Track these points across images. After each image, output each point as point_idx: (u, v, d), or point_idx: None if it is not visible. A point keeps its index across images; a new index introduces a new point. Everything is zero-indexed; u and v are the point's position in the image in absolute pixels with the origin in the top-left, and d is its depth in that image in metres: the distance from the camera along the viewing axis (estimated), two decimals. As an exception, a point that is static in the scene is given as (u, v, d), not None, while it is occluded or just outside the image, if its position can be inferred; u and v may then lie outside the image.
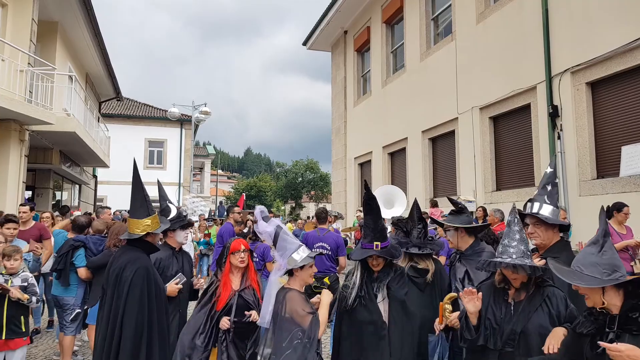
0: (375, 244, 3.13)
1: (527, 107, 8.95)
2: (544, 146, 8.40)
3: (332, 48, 19.11)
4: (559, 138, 8.06)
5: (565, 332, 2.24)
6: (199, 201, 16.56)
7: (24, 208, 6.63)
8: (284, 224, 3.21)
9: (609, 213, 5.64)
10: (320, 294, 3.10)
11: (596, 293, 2.07)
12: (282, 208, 52.11)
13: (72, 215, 9.78)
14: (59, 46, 12.42)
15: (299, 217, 30.74)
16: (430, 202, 10.55)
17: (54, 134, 10.97)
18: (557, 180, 2.88)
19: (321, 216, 6.22)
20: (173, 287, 3.79)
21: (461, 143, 10.80)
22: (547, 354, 2.24)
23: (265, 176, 60.54)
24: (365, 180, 4.02)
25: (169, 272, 3.93)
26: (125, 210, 15.92)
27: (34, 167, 12.40)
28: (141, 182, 3.41)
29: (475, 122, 10.27)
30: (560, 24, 8.13)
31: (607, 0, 7.31)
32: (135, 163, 3.53)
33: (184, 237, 4.12)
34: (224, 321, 3.29)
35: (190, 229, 4.29)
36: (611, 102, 7.46)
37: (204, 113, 20.77)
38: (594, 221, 6.52)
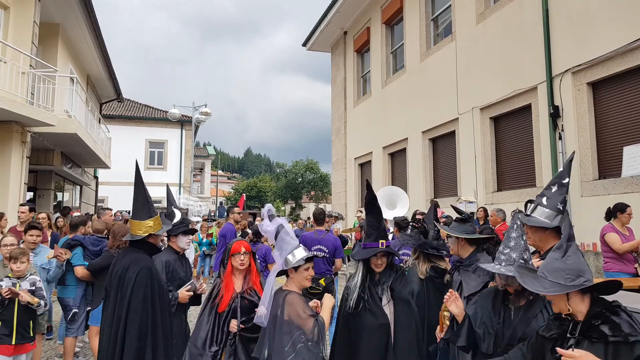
0: (381, 242, 3.13)
1: (528, 108, 8.95)
2: (545, 147, 8.41)
3: (332, 49, 19.12)
4: (560, 138, 8.07)
5: None
6: (194, 201, 16.59)
7: (23, 208, 6.55)
8: (286, 222, 3.20)
9: (612, 214, 5.64)
10: (316, 295, 3.11)
11: (561, 299, 2.05)
12: (282, 208, 52.08)
13: (72, 216, 9.82)
14: (60, 48, 12.44)
15: (299, 218, 30.75)
16: (431, 203, 10.55)
17: (56, 135, 10.98)
18: (566, 180, 2.74)
19: (319, 217, 6.11)
20: (184, 294, 3.83)
21: (462, 143, 10.81)
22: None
23: (265, 177, 60.50)
24: (368, 180, 4.02)
25: (178, 275, 3.95)
26: (126, 211, 15.94)
27: (35, 168, 12.41)
28: (143, 184, 3.42)
29: (475, 122, 10.28)
30: (560, 24, 8.14)
31: (607, 0, 7.32)
32: (137, 165, 3.54)
33: (187, 242, 4.14)
34: (233, 324, 3.26)
35: (191, 235, 4.29)
36: (612, 103, 7.47)
37: (204, 114, 20.80)
38: (596, 222, 6.55)
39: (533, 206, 2.86)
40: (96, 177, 20.84)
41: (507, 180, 9.70)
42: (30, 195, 12.79)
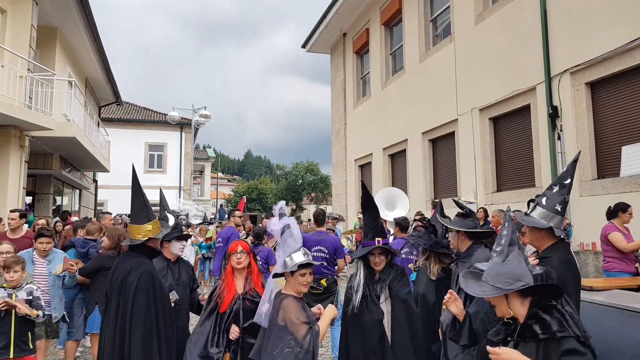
0: (377, 239, 3.17)
1: (527, 108, 8.94)
2: (544, 147, 8.40)
3: (331, 50, 19.13)
4: (559, 139, 8.06)
5: None
6: (191, 204, 16.49)
7: (13, 214, 6.13)
8: (294, 223, 3.14)
9: (613, 213, 5.62)
10: (317, 296, 3.09)
11: (501, 303, 2.09)
12: (283, 210, 52.03)
13: (70, 220, 9.80)
14: (58, 51, 12.43)
15: (300, 220, 30.76)
16: (432, 203, 10.55)
17: (54, 139, 10.97)
18: (568, 181, 2.74)
19: (319, 218, 6.10)
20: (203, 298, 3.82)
21: (461, 144, 10.80)
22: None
23: (266, 179, 60.49)
24: (363, 180, 4.04)
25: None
26: (126, 214, 15.92)
27: (34, 172, 12.40)
28: (141, 188, 3.41)
29: (475, 123, 10.27)
30: (558, 24, 8.13)
31: (605, 1, 7.31)
32: (134, 169, 3.51)
33: (180, 248, 4.05)
34: (234, 330, 3.23)
35: (185, 241, 4.22)
36: (611, 102, 7.46)
37: (203, 116, 20.79)
38: (595, 221, 6.53)
39: (533, 206, 2.88)
40: (95, 181, 20.83)
41: (506, 181, 9.69)
42: (29, 199, 12.78)
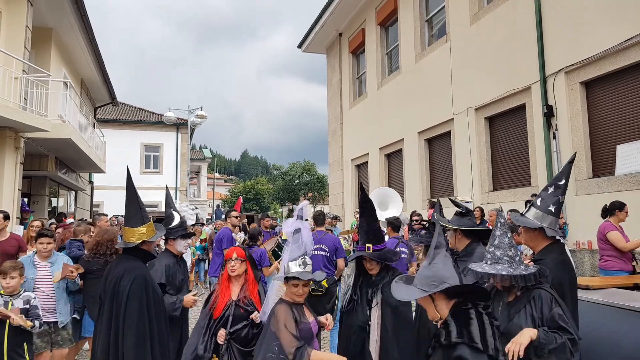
0: (367, 246, 3.12)
1: (522, 107, 8.98)
2: (539, 146, 8.44)
3: (327, 50, 19.13)
4: (554, 138, 8.09)
5: (534, 335, 2.21)
6: (186, 205, 16.48)
7: None
8: (307, 228, 3.11)
9: (609, 212, 5.65)
10: (318, 297, 3.09)
11: (429, 305, 2.10)
12: (280, 210, 52.06)
13: (66, 222, 9.76)
14: (53, 52, 12.37)
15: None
16: (429, 203, 10.57)
17: (50, 140, 10.91)
18: (562, 182, 2.78)
19: (319, 219, 6.22)
20: (190, 298, 3.80)
21: (457, 144, 10.83)
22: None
23: (262, 179, 60.44)
24: (361, 182, 4.02)
25: (177, 279, 3.92)
26: (122, 215, 15.83)
27: (29, 174, 12.33)
28: (135, 190, 3.38)
29: (470, 122, 10.30)
30: (553, 24, 8.17)
31: (599, 0, 7.35)
32: (128, 171, 3.49)
33: (184, 246, 4.10)
34: (221, 334, 3.23)
35: (189, 239, 4.27)
36: (605, 101, 7.50)
37: (199, 117, 20.74)
38: (590, 220, 6.55)
39: (528, 206, 2.91)
40: (91, 182, 20.74)
41: (502, 180, 9.72)
42: (24, 201, 12.71)
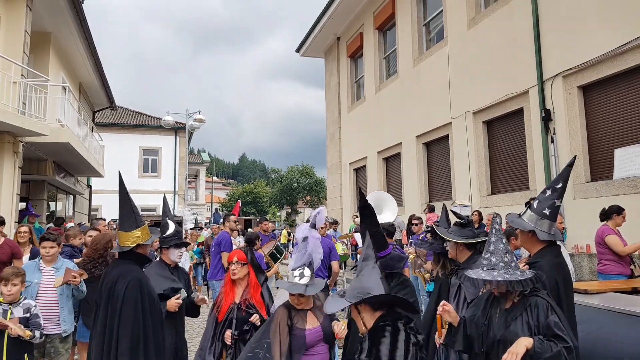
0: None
1: (520, 111, 9.01)
2: (537, 150, 8.46)
3: (325, 54, 19.18)
4: (552, 142, 8.12)
5: (529, 344, 2.20)
6: (187, 210, 16.46)
7: None
8: (314, 237, 3.10)
9: (607, 215, 5.66)
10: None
11: (357, 318, 2.13)
12: (278, 214, 52.05)
13: (66, 227, 9.75)
14: (52, 57, 12.37)
15: (295, 223, 30.69)
16: (427, 207, 10.58)
17: (48, 145, 10.90)
18: (559, 185, 2.79)
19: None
20: (172, 302, 3.75)
21: (455, 147, 10.86)
22: None
23: (261, 182, 60.43)
24: (360, 187, 3.99)
25: (165, 288, 3.89)
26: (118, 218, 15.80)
27: (27, 178, 12.30)
28: (128, 194, 3.38)
29: (468, 126, 10.33)
30: (550, 28, 8.21)
31: (597, 5, 7.39)
32: (120, 176, 3.47)
33: (178, 255, 4.06)
34: (227, 335, 3.28)
35: (184, 248, 4.25)
36: (603, 106, 7.54)
37: (198, 121, 20.76)
38: (588, 224, 6.57)
39: (525, 208, 2.93)
40: (89, 186, 20.70)
41: (500, 184, 9.75)
42: (22, 205, 12.69)
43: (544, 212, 2.76)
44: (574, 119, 7.80)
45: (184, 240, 4.20)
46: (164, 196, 4.66)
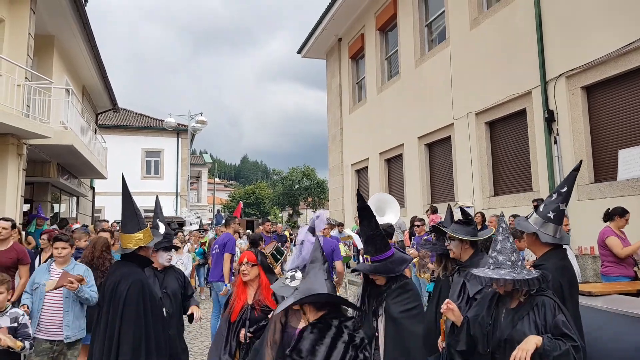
0: (365, 257, 2.98)
1: (523, 112, 9.01)
2: (540, 151, 8.45)
3: (327, 55, 19.20)
4: (555, 143, 8.11)
5: (539, 342, 2.21)
6: (193, 214, 16.48)
7: (5, 224, 5.27)
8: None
9: (610, 217, 5.66)
10: None
11: (302, 317, 2.28)
12: (280, 215, 52.05)
13: (72, 228, 9.77)
14: (55, 59, 12.42)
15: (296, 224, 30.69)
16: (430, 208, 10.58)
17: (52, 147, 10.95)
18: (565, 189, 2.81)
19: None
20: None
21: (458, 149, 10.85)
22: None
23: (262, 184, 60.45)
24: (358, 189, 3.97)
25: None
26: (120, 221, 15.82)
27: (31, 180, 12.35)
28: (130, 197, 3.40)
29: (471, 127, 10.32)
30: (553, 28, 8.21)
31: (600, 5, 7.39)
32: (123, 178, 3.50)
33: (167, 259, 4.05)
34: (242, 334, 3.30)
35: (174, 251, 4.22)
36: (607, 106, 7.53)
37: (200, 122, 20.81)
38: (592, 225, 6.56)
39: (532, 212, 2.95)
40: (93, 188, 20.76)
41: (503, 185, 9.74)
42: (26, 207, 12.74)
43: (548, 215, 2.79)
44: (578, 119, 7.79)
45: (173, 244, 4.17)
46: (157, 196, 4.65)
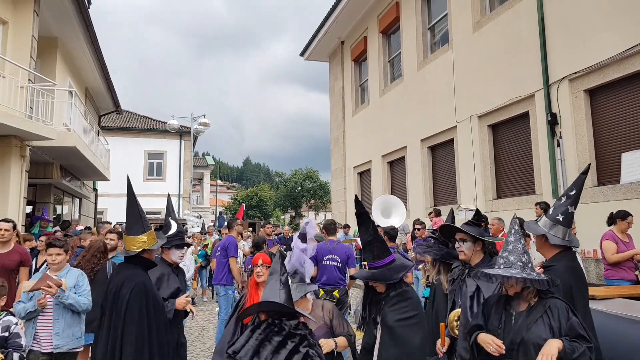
0: (363, 264, 2.92)
1: (526, 115, 8.98)
2: (543, 154, 8.43)
3: (330, 58, 19.22)
4: (558, 146, 8.09)
5: (560, 345, 2.24)
6: (196, 217, 16.46)
7: (7, 225, 5.11)
8: (298, 249, 3.07)
9: (612, 220, 5.63)
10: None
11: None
12: (282, 217, 52.05)
13: (76, 229, 9.80)
14: (58, 62, 12.48)
15: (298, 227, 30.65)
16: (433, 211, 10.55)
17: (55, 149, 10.98)
18: (573, 192, 2.84)
19: (330, 228, 6.16)
20: (182, 300, 3.80)
21: (460, 151, 10.83)
22: None
23: (265, 186, 60.47)
24: (356, 195, 3.94)
25: (173, 287, 3.92)
26: (125, 222, 15.84)
27: (34, 182, 12.39)
28: (135, 199, 3.41)
29: (474, 130, 10.31)
30: (556, 31, 8.19)
31: (603, 8, 7.37)
32: (129, 180, 3.50)
33: (179, 256, 4.09)
34: None
35: (185, 249, 4.26)
36: (610, 109, 7.50)
37: (202, 124, 20.83)
38: (595, 229, 6.55)
39: (541, 215, 3.01)
40: (95, 190, 20.81)
41: (506, 188, 9.71)
42: (29, 209, 12.77)
43: (557, 218, 2.82)
44: (581, 122, 7.77)
45: (185, 241, 4.23)
46: (168, 195, 4.67)
